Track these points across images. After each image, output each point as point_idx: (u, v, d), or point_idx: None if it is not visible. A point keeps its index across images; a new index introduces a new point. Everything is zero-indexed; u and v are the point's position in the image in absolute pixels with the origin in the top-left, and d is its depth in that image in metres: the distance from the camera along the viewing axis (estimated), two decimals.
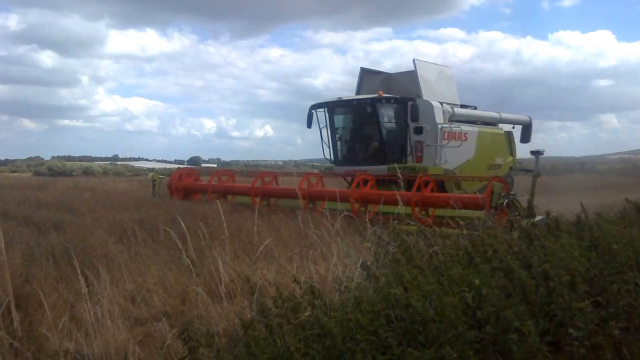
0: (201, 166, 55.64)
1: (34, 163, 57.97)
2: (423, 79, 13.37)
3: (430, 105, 12.83)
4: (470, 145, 13.80)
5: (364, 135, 13.96)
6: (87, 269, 5.17)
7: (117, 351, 4.10)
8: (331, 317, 3.10)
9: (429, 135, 12.62)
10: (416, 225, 7.33)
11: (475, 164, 13.72)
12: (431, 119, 12.65)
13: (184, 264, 6.17)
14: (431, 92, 13.38)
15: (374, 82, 14.54)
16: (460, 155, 13.13)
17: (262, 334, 3.15)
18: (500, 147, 15.62)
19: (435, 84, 13.94)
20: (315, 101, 14.18)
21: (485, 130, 14.90)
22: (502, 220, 7.96)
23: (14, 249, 5.54)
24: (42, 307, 4.84)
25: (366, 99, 13.26)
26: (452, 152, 12.72)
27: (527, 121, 17.08)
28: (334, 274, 5.13)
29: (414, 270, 3.88)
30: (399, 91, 13.73)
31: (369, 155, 13.53)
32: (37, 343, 4.53)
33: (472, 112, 15.20)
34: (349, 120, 14.35)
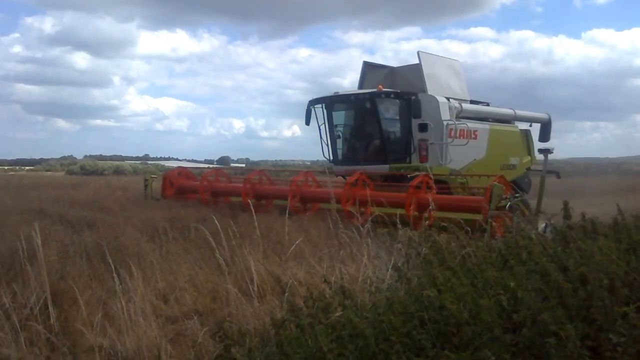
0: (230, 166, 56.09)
1: (67, 162, 59.24)
2: (428, 72, 12.54)
3: (435, 100, 12.02)
4: (480, 144, 12.96)
5: (364, 133, 13.16)
6: (119, 267, 5.23)
7: (149, 348, 4.15)
8: (363, 318, 3.08)
9: (434, 133, 11.79)
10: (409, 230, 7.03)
11: (486, 164, 12.77)
12: (436, 115, 11.83)
13: (215, 263, 6.23)
14: (437, 87, 12.58)
15: (378, 77, 13.69)
16: (468, 155, 12.27)
17: (293, 333, 3.16)
18: (516, 147, 14.69)
19: (441, 78, 13.10)
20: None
21: (498, 128, 13.96)
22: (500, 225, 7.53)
23: (49, 247, 5.65)
24: (77, 304, 4.94)
25: (364, 94, 12.51)
26: (458, 151, 11.90)
27: (546, 119, 16.01)
28: (364, 275, 5.10)
29: (446, 272, 3.83)
30: (403, 86, 12.92)
31: (370, 154, 12.72)
32: (72, 338, 4.62)
33: (483, 108, 14.23)
34: (348, 116, 13.59)
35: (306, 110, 13.27)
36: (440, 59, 13.72)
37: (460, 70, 14.13)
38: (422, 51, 12.68)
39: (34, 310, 4.58)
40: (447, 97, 12.35)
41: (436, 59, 13.47)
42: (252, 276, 5.20)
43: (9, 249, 5.85)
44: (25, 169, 61.16)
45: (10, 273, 5.44)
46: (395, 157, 12.10)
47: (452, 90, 13.16)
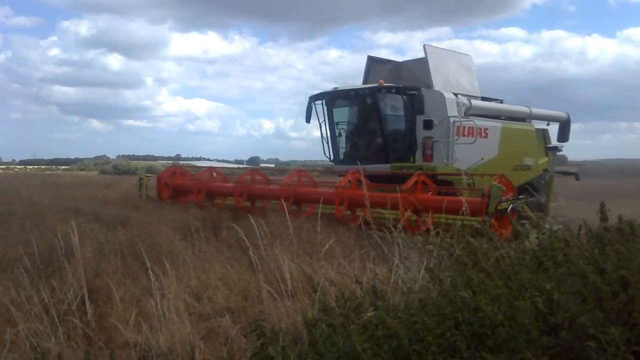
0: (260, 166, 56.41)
1: (100, 162, 60.50)
2: (434, 67, 11.85)
3: (441, 96, 11.32)
4: (491, 143, 12.20)
5: (365, 130, 12.50)
6: (153, 265, 5.31)
7: (182, 345, 4.20)
8: (396, 318, 3.07)
9: (440, 130, 11.10)
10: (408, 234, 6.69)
11: (497, 164, 11.89)
12: (442, 111, 11.12)
13: (246, 262, 6.28)
14: (444, 82, 11.91)
15: (383, 72, 12.95)
16: (476, 154, 11.47)
17: (325, 332, 3.16)
18: (531, 146, 13.81)
19: (449, 73, 12.39)
20: None
21: (511, 126, 13.14)
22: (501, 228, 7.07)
23: (85, 244, 5.78)
24: (111, 300, 5.04)
25: (365, 89, 11.78)
26: (465, 150, 11.13)
27: (565, 118, 15.18)
28: (396, 276, 5.08)
29: (480, 273, 3.79)
30: (409, 81, 12.24)
31: (371, 153, 12.04)
32: (106, 334, 4.71)
33: (495, 105, 13.47)
34: (348, 113, 12.96)
35: (307, 106, 12.71)
36: (449, 53, 13.08)
37: (470, 65, 13.49)
38: (428, 44, 12.09)
39: (71, 305, 4.68)
40: (455, 93, 11.72)
41: (444, 52, 12.82)
42: (283, 275, 5.22)
43: (47, 246, 5.98)
44: (61, 168, 62.67)
45: (48, 269, 5.58)
46: (397, 156, 11.48)
47: (461, 85, 12.53)
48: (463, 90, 12.24)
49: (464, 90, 12.27)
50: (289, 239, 6.55)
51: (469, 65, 13.36)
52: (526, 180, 12.94)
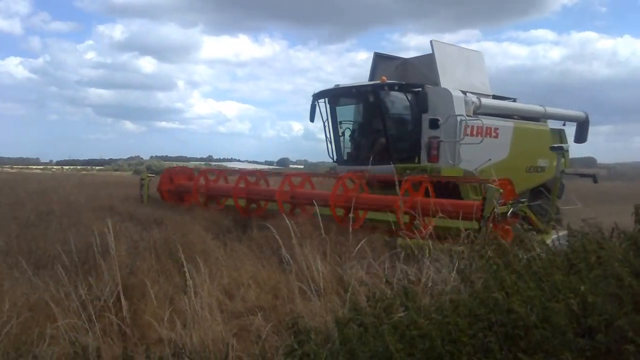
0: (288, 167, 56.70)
1: (134, 162, 61.62)
2: (442, 63, 11.26)
3: (448, 94, 10.71)
4: (502, 143, 11.61)
5: (368, 130, 11.96)
6: (187, 264, 5.40)
7: (214, 342, 4.27)
8: (428, 319, 3.07)
9: (446, 130, 10.50)
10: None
11: (508, 165, 11.33)
12: (449, 110, 10.52)
13: (276, 261, 6.34)
14: (452, 79, 11.30)
15: (389, 69, 12.47)
16: (483, 154, 10.80)
17: (356, 332, 3.18)
18: (545, 147, 12.81)
19: (458, 69, 11.79)
20: None
21: (524, 126, 12.51)
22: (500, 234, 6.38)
23: (120, 242, 5.90)
24: (145, 298, 5.15)
25: (366, 86, 11.30)
26: (470, 150, 10.51)
27: (582, 118, 14.35)
28: (426, 277, 5.06)
29: (512, 275, 3.76)
30: (416, 78, 11.69)
31: (374, 154, 11.28)
32: (140, 330, 4.81)
33: (507, 104, 12.78)
34: (350, 112, 12.35)
35: (311, 105, 12.16)
36: (458, 49, 12.46)
37: (481, 62, 12.87)
38: (435, 40, 11.44)
39: (107, 302, 4.80)
40: (464, 91, 11.12)
41: (452, 49, 12.20)
42: (313, 274, 5.25)
43: (84, 244, 6.13)
44: (96, 168, 64.05)
45: (85, 266, 5.72)
46: (401, 157, 10.90)
47: (471, 83, 11.91)
48: (472, 88, 11.72)
49: (473, 88, 11.75)
50: (319, 239, 6.58)
51: (479, 62, 12.81)
52: (540, 182, 12.41)
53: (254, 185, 10.67)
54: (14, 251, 6.38)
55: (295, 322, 3.08)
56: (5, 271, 5.31)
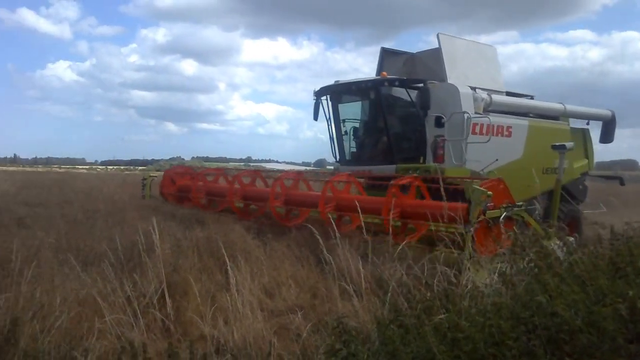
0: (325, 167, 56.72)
1: (175, 163, 62.67)
2: (449, 58, 10.67)
3: (455, 90, 10.08)
4: (515, 143, 10.93)
5: (370, 128, 11.47)
6: (230, 262, 5.49)
7: (255, 340, 4.34)
8: (469, 321, 3.05)
9: (451, 128, 9.83)
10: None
11: (522, 165, 10.71)
12: (456, 107, 9.88)
13: (314, 261, 6.38)
14: (460, 75, 10.68)
15: (396, 64, 11.94)
16: (492, 154, 10.06)
17: (397, 333, 3.18)
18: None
19: (467, 65, 11.11)
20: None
21: (540, 124, 11.74)
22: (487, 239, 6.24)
23: (163, 241, 6.03)
24: (188, 295, 5.26)
25: (366, 82, 10.71)
26: (477, 150, 9.80)
27: (608, 116, 13.51)
28: (466, 279, 5.02)
29: (554, 278, 3.70)
30: (423, 73, 11.06)
31: (377, 153, 10.95)
32: (183, 327, 4.92)
33: (520, 101, 12.00)
34: (352, 109, 11.74)
35: (314, 103, 11.63)
36: (468, 43, 11.70)
37: (493, 57, 12.13)
38: (443, 33, 10.87)
39: (152, 299, 4.93)
40: (473, 87, 10.48)
41: (461, 42, 11.48)
42: (352, 275, 5.26)
43: (129, 242, 6.30)
44: (139, 168, 65.48)
45: (130, 264, 5.87)
46: (404, 156, 10.33)
47: (481, 79, 11.20)
48: (483, 84, 11.02)
49: (484, 84, 11.05)
50: (358, 240, 6.59)
51: (492, 57, 12.09)
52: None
53: (250, 187, 10.34)
54: (63, 248, 6.58)
55: (340, 322, 3.10)
56: (55, 267, 5.49)
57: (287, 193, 9.16)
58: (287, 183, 9.67)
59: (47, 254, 5.98)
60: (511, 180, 9.53)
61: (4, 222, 8.97)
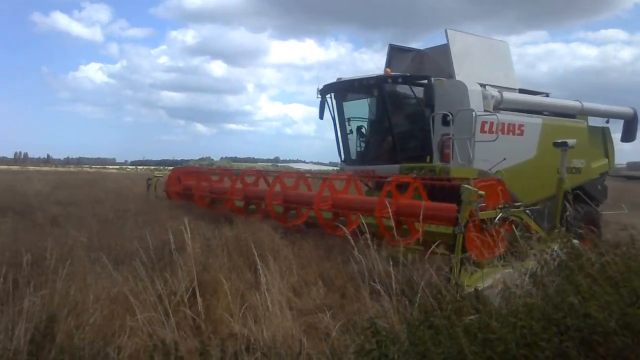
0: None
1: (204, 163, 63.33)
2: (457, 54, 10.35)
3: (462, 87, 9.77)
4: (528, 141, 10.57)
5: (374, 127, 11.25)
6: (259, 261, 5.53)
7: (284, 339, 4.37)
8: (500, 322, 3.02)
9: (458, 126, 9.49)
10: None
11: (535, 165, 10.37)
12: (464, 104, 9.58)
13: (343, 261, 6.38)
14: (469, 71, 10.33)
15: (404, 61, 11.69)
16: (502, 153, 9.63)
17: (427, 333, 3.17)
18: (582, 146, 11.48)
19: (476, 61, 10.76)
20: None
21: (555, 122, 11.34)
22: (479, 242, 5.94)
23: (194, 240, 6.10)
24: (217, 294, 5.32)
25: (369, 79, 10.46)
26: (485, 149, 9.43)
27: (630, 114, 13.03)
28: (495, 279, 4.97)
29: (587, 279, 3.64)
30: (432, 70, 10.79)
31: (381, 152, 10.71)
32: (213, 325, 4.98)
33: (534, 98, 11.61)
34: (356, 107, 11.48)
35: (320, 101, 11.39)
36: (478, 38, 11.33)
37: (505, 53, 11.73)
38: (451, 29, 10.57)
39: (183, 297, 5.00)
40: (483, 84, 10.18)
41: (471, 38, 11.11)
42: (382, 275, 5.25)
43: (159, 241, 6.39)
44: (168, 169, 66.29)
45: (160, 263, 5.96)
46: (409, 156, 10.03)
47: (492, 76, 10.89)
48: (494, 81, 10.71)
49: (495, 81, 10.77)
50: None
51: (503, 53, 11.70)
52: (574, 184, 10.85)
53: (252, 186, 10.24)
54: (95, 247, 6.71)
55: (373, 323, 3.10)
56: (88, 266, 5.60)
57: (285, 192, 9.07)
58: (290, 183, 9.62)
59: (80, 253, 6.10)
60: (524, 181, 9.30)
61: (39, 221, 9.17)
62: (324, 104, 11.34)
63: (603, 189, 12.35)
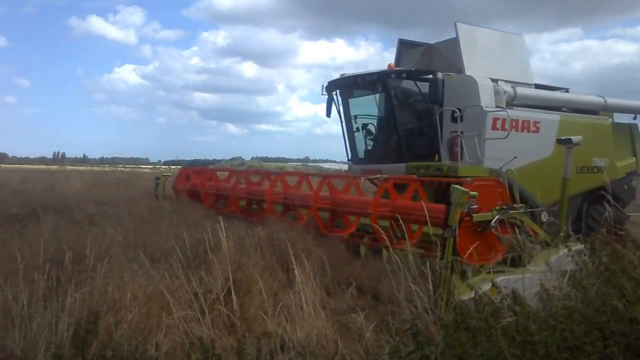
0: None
1: (235, 163, 63.81)
2: (467, 48, 9.95)
3: (472, 82, 9.41)
4: (544, 139, 10.01)
5: (380, 124, 10.88)
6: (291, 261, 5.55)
7: (318, 338, 4.37)
8: (538, 324, 2.97)
9: (469, 123, 9.08)
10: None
11: (552, 163, 9.70)
12: (474, 100, 9.19)
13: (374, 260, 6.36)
14: (480, 66, 9.94)
15: (414, 56, 11.31)
16: (515, 151, 9.13)
17: (462, 335, 3.13)
18: (605, 144, 11.21)
19: (488, 55, 10.33)
20: None
21: (574, 119, 10.79)
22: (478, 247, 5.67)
23: (228, 239, 6.15)
24: (251, 292, 5.36)
25: (372, 74, 10.09)
26: (497, 146, 9.01)
27: None
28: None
29: (630, 282, 3.54)
30: (441, 65, 10.38)
31: (388, 151, 10.36)
32: (247, 323, 5.02)
33: (551, 94, 11.09)
34: (362, 104, 11.09)
35: (327, 98, 11.11)
36: (490, 32, 10.85)
37: (521, 47, 11.17)
38: (461, 22, 10.17)
39: (219, 295, 5.06)
40: (495, 79, 9.77)
41: (482, 31, 10.63)
42: (415, 275, 5.21)
43: (194, 240, 6.47)
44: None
45: (195, 261, 6.03)
46: (416, 154, 9.71)
47: (505, 70, 10.40)
48: (507, 76, 10.27)
49: (508, 76, 10.31)
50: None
51: (518, 47, 11.14)
52: (596, 184, 10.52)
53: (255, 186, 10.16)
54: (131, 245, 6.82)
55: (414, 324, 3.08)
56: (125, 264, 5.70)
57: (286, 192, 8.93)
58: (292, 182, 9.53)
59: (117, 251, 6.21)
60: (539, 180, 8.78)
61: (77, 219, 9.38)
62: (331, 102, 11.07)
63: (630, 189, 11.72)
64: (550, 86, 11.63)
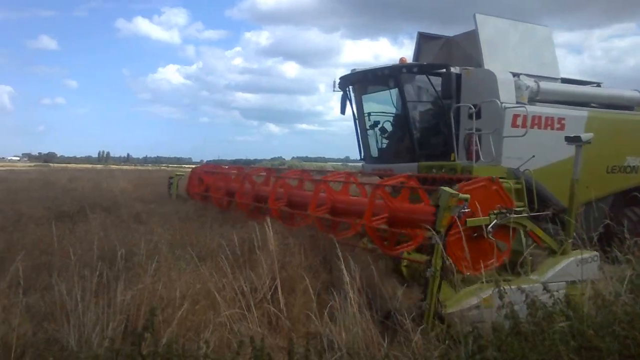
0: None
1: (276, 163, 64.38)
2: (487, 40, 9.46)
3: (491, 76, 8.90)
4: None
5: (392, 122, 10.43)
6: (337, 261, 5.53)
7: (364, 340, 4.35)
8: (593, 330, 2.89)
9: (486, 120, 8.62)
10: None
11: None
12: (492, 96, 8.65)
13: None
14: (500, 59, 9.44)
15: (433, 49, 10.85)
16: (535, 150, 8.46)
17: (513, 339, 3.07)
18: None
19: (510, 48, 9.84)
20: None
21: (605, 115, 10.08)
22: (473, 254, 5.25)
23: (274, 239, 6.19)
24: (294, 292, 5.37)
25: (383, 69, 9.64)
26: (516, 145, 8.52)
27: None
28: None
29: None
30: (460, 59, 9.98)
31: (400, 149, 9.90)
32: (291, 323, 5.03)
33: (579, 89, 10.43)
34: (374, 101, 10.61)
35: (341, 95, 10.74)
36: (512, 23, 10.27)
37: (546, 39, 10.49)
38: (480, 13, 9.67)
39: (266, 294, 5.09)
40: (516, 73, 9.26)
41: (504, 23, 10.06)
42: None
43: (239, 239, 6.53)
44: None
45: (240, 260, 6.09)
46: (430, 153, 9.29)
47: (527, 64, 9.85)
48: (530, 70, 9.70)
49: (531, 70, 9.73)
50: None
51: (543, 39, 10.48)
52: (629, 185, 9.96)
53: (260, 187, 9.91)
54: (177, 244, 6.94)
55: (475, 327, 3.03)
56: (172, 262, 5.80)
57: (289, 194, 8.78)
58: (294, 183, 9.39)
59: (164, 249, 6.32)
60: (564, 181, 7.81)
61: (123, 217, 9.60)
62: (345, 98, 10.71)
63: None
64: (580, 80, 11.14)
